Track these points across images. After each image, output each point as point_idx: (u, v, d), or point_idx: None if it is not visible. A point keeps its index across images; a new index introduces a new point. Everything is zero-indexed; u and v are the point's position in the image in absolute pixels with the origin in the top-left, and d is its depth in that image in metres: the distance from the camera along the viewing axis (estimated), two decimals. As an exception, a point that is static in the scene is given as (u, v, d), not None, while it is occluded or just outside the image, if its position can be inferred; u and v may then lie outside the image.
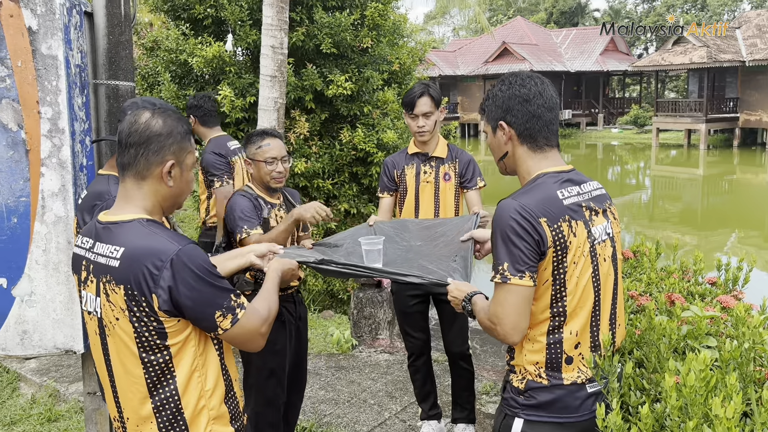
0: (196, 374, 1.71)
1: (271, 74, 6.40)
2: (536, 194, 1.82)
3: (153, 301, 1.60)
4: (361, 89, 7.66)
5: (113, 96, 2.83)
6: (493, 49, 39.00)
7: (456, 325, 3.67)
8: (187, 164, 1.81)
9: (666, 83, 47.38)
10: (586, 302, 1.85)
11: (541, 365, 1.86)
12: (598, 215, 1.89)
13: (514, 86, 1.92)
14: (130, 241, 1.65)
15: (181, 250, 1.62)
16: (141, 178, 1.73)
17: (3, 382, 4.81)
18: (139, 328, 1.64)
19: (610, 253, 1.92)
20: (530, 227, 1.75)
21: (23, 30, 2.46)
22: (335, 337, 5.15)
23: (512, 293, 1.75)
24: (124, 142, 1.73)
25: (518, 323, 1.77)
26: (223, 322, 1.67)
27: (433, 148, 3.64)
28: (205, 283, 1.64)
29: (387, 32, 8.09)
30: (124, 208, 1.74)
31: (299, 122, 7.43)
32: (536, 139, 1.90)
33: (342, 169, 7.79)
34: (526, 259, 1.75)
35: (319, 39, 7.36)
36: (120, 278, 1.63)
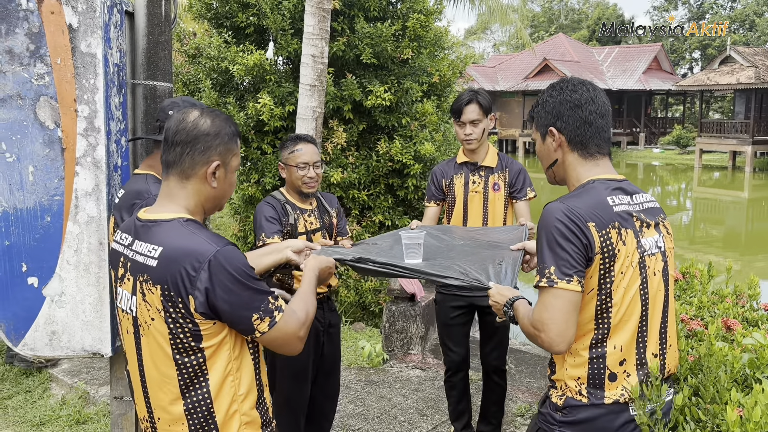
0: (230, 378, 1.67)
1: (311, 83, 6.39)
2: (585, 198, 1.76)
3: (189, 303, 1.57)
4: (400, 100, 7.59)
5: (150, 96, 2.80)
6: (534, 66, 38.73)
7: (496, 338, 3.58)
8: (232, 166, 1.78)
9: (711, 104, 46.39)
10: (632, 315, 1.76)
11: (582, 381, 1.78)
12: (649, 227, 1.82)
13: (565, 92, 1.86)
14: (168, 241, 1.62)
15: (219, 252, 1.59)
16: (185, 177, 1.71)
17: (35, 382, 4.82)
18: (174, 330, 1.61)
19: (661, 268, 1.83)
20: (578, 230, 1.69)
21: (64, 27, 2.44)
22: (366, 350, 5.04)
23: (559, 298, 1.67)
24: (170, 140, 1.71)
25: (565, 331, 1.68)
26: (260, 325, 1.64)
27: (483, 157, 3.56)
28: (243, 285, 1.60)
29: (428, 44, 8.02)
30: (165, 207, 1.71)
31: (337, 132, 7.40)
32: (587, 146, 1.84)
33: (378, 181, 7.73)
34: (573, 262, 1.68)
35: (359, 49, 7.33)
36: (157, 278, 1.60)
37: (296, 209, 3.00)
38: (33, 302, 2.56)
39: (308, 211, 3.05)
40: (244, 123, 7.42)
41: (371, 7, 7.55)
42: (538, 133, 1.95)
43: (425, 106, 7.71)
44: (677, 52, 53.39)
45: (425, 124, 7.85)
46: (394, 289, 5.13)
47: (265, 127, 7.29)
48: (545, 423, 1.86)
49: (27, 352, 2.60)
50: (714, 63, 33.63)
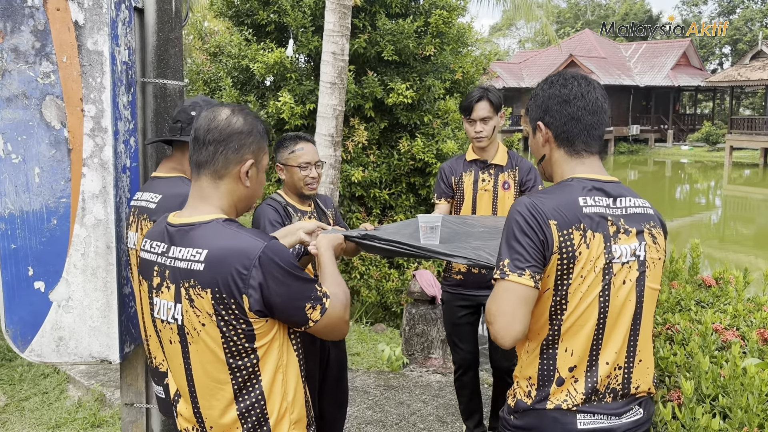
0: (280, 377, 1.66)
1: (331, 81, 6.30)
2: (555, 196, 1.71)
3: (244, 303, 1.55)
4: (422, 98, 7.48)
5: (161, 95, 2.72)
6: (560, 62, 38.25)
7: None
8: (263, 164, 1.76)
9: (741, 100, 45.43)
10: (587, 321, 1.68)
11: (533, 381, 1.73)
12: (629, 234, 1.71)
13: (555, 86, 1.81)
14: (213, 243, 1.58)
15: (267, 247, 1.57)
16: (218, 177, 1.67)
17: (53, 383, 4.79)
18: (227, 333, 1.58)
19: (635, 277, 1.72)
20: (537, 226, 1.64)
21: (69, 24, 2.37)
22: (385, 353, 4.93)
23: (508, 291, 1.62)
24: (202, 139, 1.67)
25: (510, 325, 1.61)
26: (313, 313, 1.63)
27: (493, 155, 3.50)
28: (294, 277, 1.59)
29: (451, 40, 7.88)
30: (199, 209, 1.67)
31: (358, 130, 7.31)
32: (574, 143, 1.78)
33: (399, 179, 7.63)
34: (528, 257, 1.63)
35: (381, 46, 7.23)
36: (206, 282, 1.56)
37: (297, 212, 2.91)
38: (39, 307, 2.50)
39: (308, 213, 2.96)
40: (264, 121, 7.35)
41: (393, 3, 7.44)
42: (529, 126, 1.90)
43: (448, 103, 7.59)
44: (707, 47, 52.38)
45: (448, 122, 7.72)
46: (414, 292, 5.01)
47: (285, 125, 7.22)
48: (502, 427, 1.83)
49: (34, 359, 2.53)
50: (745, 58, 32.93)
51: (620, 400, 1.72)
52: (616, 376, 1.71)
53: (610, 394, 1.70)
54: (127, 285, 2.60)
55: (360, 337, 5.77)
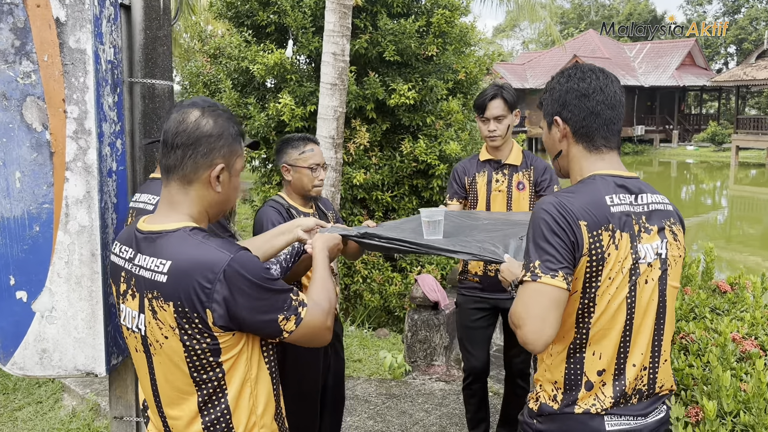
0: (248, 390, 1.60)
1: (332, 82, 6.19)
2: (581, 195, 1.66)
3: (207, 317, 1.48)
4: (425, 99, 7.38)
5: (149, 96, 2.60)
6: (563, 63, 37.97)
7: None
8: (236, 169, 1.68)
9: (746, 99, 45.17)
10: (615, 324, 1.65)
11: (559, 386, 1.70)
12: (650, 232, 1.69)
13: (573, 79, 1.76)
14: (177, 254, 1.52)
15: (233, 259, 1.49)
16: (187, 183, 1.61)
17: (47, 392, 4.69)
18: (190, 347, 1.51)
19: (658, 277, 1.69)
20: (567, 227, 1.59)
21: (51, 21, 2.26)
22: (387, 361, 4.81)
23: (541, 294, 1.56)
24: (170, 143, 1.60)
25: (542, 329, 1.56)
26: (287, 324, 1.56)
27: (507, 154, 3.42)
28: (263, 289, 1.52)
29: (453, 40, 7.77)
30: (168, 216, 1.60)
31: (359, 132, 7.20)
32: (593, 138, 1.73)
33: (402, 182, 7.53)
34: (560, 257, 1.58)
35: (382, 46, 7.13)
36: (169, 295, 1.50)
37: (300, 214, 2.84)
38: (22, 318, 2.38)
39: (310, 215, 2.89)
40: (264, 123, 7.26)
41: (394, 2, 7.33)
42: (545, 121, 1.85)
43: (450, 104, 7.48)
44: (712, 47, 52.11)
45: (451, 123, 7.61)
46: (417, 297, 4.89)
47: (286, 127, 7.12)
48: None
49: (16, 372, 2.42)
50: (751, 57, 32.72)
51: (645, 401, 1.70)
52: (642, 377, 1.69)
53: (636, 396, 1.68)
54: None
55: (362, 342, 5.64)
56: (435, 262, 7.43)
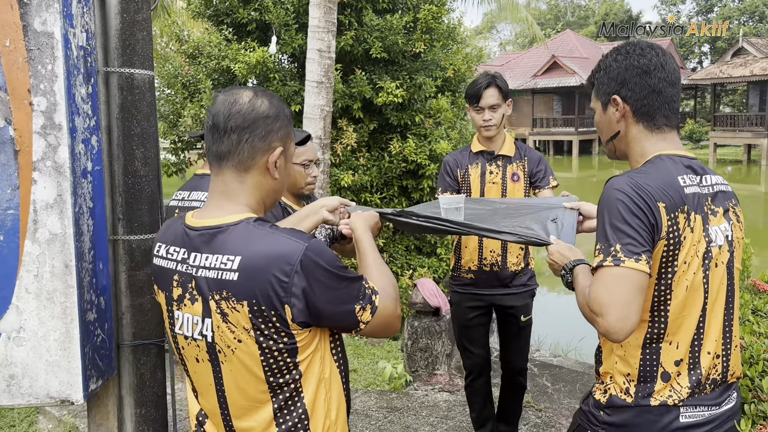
0: (323, 393, 1.52)
1: (318, 80, 5.97)
2: (654, 175, 1.60)
3: (286, 314, 1.39)
4: (413, 97, 7.16)
5: (127, 87, 2.32)
6: (542, 63, 38.18)
7: (521, 340, 3.41)
8: (290, 153, 1.60)
9: (721, 97, 45.62)
10: (692, 311, 1.62)
11: (632, 378, 1.65)
12: (717, 215, 1.67)
13: (632, 56, 1.71)
14: (246, 248, 1.41)
15: (308, 248, 1.40)
16: (244, 170, 1.50)
17: (21, 415, 4.36)
18: (267, 348, 1.42)
19: (726, 260, 1.67)
20: (646, 208, 1.54)
21: (12, 1, 1.97)
22: (386, 371, 4.54)
23: (625, 279, 1.50)
24: (222, 126, 1.49)
25: (627, 317, 1.49)
26: (363, 315, 1.47)
27: (500, 145, 3.37)
28: (339, 278, 1.43)
29: (441, 36, 7.57)
30: (223, 207, 1.50)
31: (346, 132, 6.97)
32: (654, 117, 1.70)
33: (391, 183, 7.30)
34: (642, 240, 1.52)
35: (368, 43, 6.90)
36: (242, 293, 1.39)
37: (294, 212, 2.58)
38: (-14, 340, 2.09)
39: None
40: (247, 125, 6.97)
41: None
42: (598, 102, 1.79)
43: (440, 102, 7.28)
44: (686, 46, 52.65)
45: (440, 122, 7.40)
46: (416, 303, 4.63)
47: (269, 128, 6.85)
48: (587, 422, 1.74)
49: (-20, 402, 2.12)
50: (726, 55, 33.01)
51: (718, 389, 1.67)
52: (716, 365, 1.66)
53: (710, 385, 1.65)
54: (92, 310, 2.20)
55: (356, 351, 5.38)
56: (427, 265, 7.19)
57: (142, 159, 2.38)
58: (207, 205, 1.53)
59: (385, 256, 7.01)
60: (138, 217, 2.38)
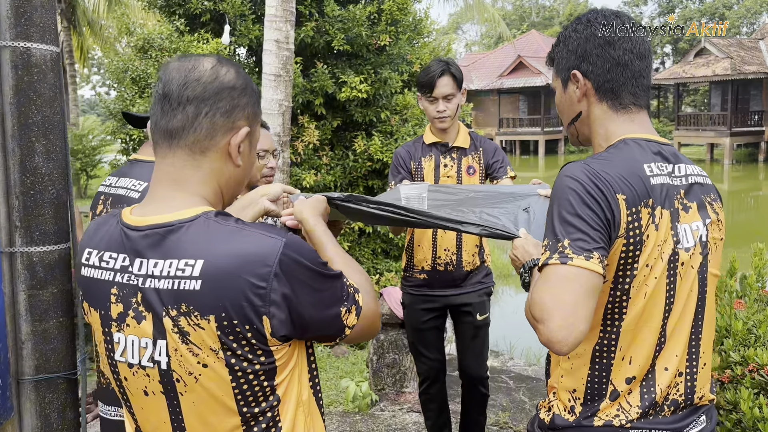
0: (301, 418, 1.27)
1: (275, 72, 5.57)
2: (616, 162, 1.41)
3: (264, 327, 1.14)
4: (378, 92, 6.83)
5: (23, 65, 1.90)
6: (508, 63, 38.24)
7: (478, 343, 3.22)
8: (256, 138, 1.35)
9: (683, 97, 46.30)
10: (649, 321, 1.41)
11: (578, 395, 1.47)
12: (689, 210, 1.46)
13: (593, 25, 1.53)
14: (209, 248, 1.15)
15: (287, 244, 1.16)
16: (200, 152, 1.23)
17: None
18: (240, 371, 1.17)
19: (698, 264, 1.46)
20: (603, 200, 1.34)
21: None
22: (350, 390, 4.14)
23: (572, 280, 1.29)
24: (176, 96, 1.22)
25: (574, 324, 1.27)
26: (349, 318, 1.26)
27: (454, 137, 3.18)
28: (324, 277, 1.21)
29: (407, 28, 7.23)
30: (175, 199, 1.22)
31: (308, 130, 6.61)
32: (620, 94, 1.51)
33: (356, 183, 6.97)
34: (595, 236, 1.32)
35: (330, 35, 6.54)
36: (207, 305, 1.13)
37: None
38: None
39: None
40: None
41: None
42: (558, 79, 1.61)
43: (406, 97, 6.98)
44: (649, 46, 53.34)
45: (407, 118, 7.09)
46: (383, 314, 4.25)
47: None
48: None
49: None
50: (689, 56, 33.40)
51: (680, 413, 1.47)
52: (677, 384, 1.45)
53: (670, 407, 1.45)
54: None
55: (318, 364, 4.96)
56: (394, 268, 6.84)
57: (44, 153, 1.95)
58: (151, 198, 1.24)
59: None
60: (40, 225, 1.95)
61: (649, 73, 1.53)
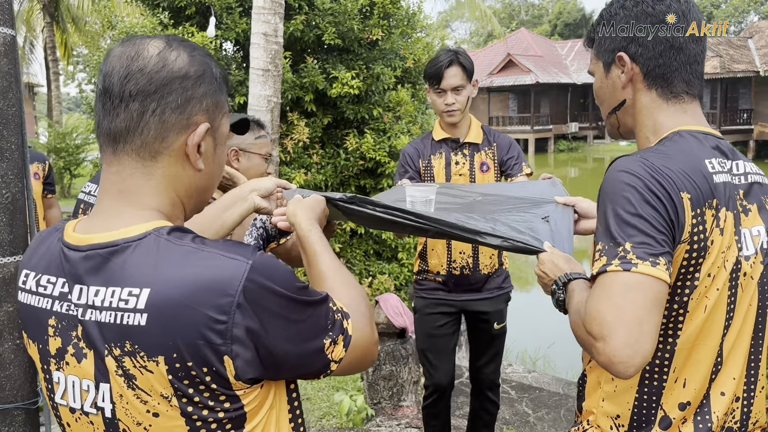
0: None
1: (263, 67, 5.35)
2: (676, 156, 1.26)
3: (226, 369, 0.93)
4: (370, 88, 6.62)
5: (-29, 49, 1.64)
6: (497, 62, 38.17)
7: (493, 350, 3.07)
8: (221, 133, 1.13)
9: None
10: (708, 340, 1.28)
11: (622, 422, 1.33)
12: (749, 213, 1.32)
13: (645, 2, 1.37)
14: (157, 274, 0.95)
15: (253, 267, 0.95)
16: (150, 157, 1.04)
17: None
18: (200, 421, 0.96)
19: (759, 274, 1.32)
20: (667, 198, 1.19)
21: None
22: (344, 404, 3.90)
23: (638, 290, 1.14)
24: (117, 92, 1.02)
25: (639, 341, 1.12)
26: (335, 350, 1.05)
27: (465, 131, 2.99)
28: (302, 304, 0.99)
29: (399, 23, 7.02)
30: (121, 215, 1.02)
31: (298, 127, 6.38)
32: (672, 81, 1.36)
33: (348, 182, 6.75)
34: (661, 239, 1.16)
35: (320, 28, 6.32)
36: (155, 344, 0.93)
37: None
38: None
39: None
40: (185, 119, 6.32)
41: (333, -23, 6.52)
42: (599, 62, 1.46)
43: (399, 94, 6.76)
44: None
45: (400, 116, 6.87)
46: (379, 323, 4.02)
47: (211, 122, 6.20)
48: None
49: None
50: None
51: None
52: (734, 411, 1.33)
53: None
54: None
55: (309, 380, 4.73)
56: (387, 271, 6.62)
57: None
58: (96, 211, 1.06)
59: (342, 261, 6.39)
60: (-8, 234, 1.70)
61: (703, 59, 1.39)
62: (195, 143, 1.05)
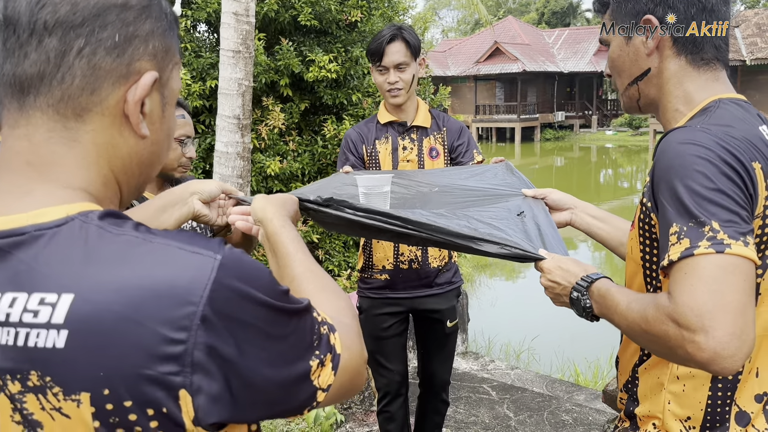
0: None
1: (234, 48, 5.06)
2: (735, 125, 1.12)
3: (182, 411, 0.65)
4: (349, 73, 6.36)
5: None
6: (484, 50, 38.04)
7: (446, 349, 2.92)
8: (172, 89, 0.83)
9: (659, 85, 46.76)
10: None
11: (693, 424, 1.21)
12: None
13: None
14: (83, 275, 0.66)
15: (223, 265, 0.68)
16: (75, 115, 0.73)
17: None
18: None
19: None
20: (743, 170, 1.07)
21: None
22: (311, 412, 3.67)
23: (734, 273, 1.01)
24: (24, 23, 0.71)
25: (744, 329, 0.99)
26: (322, 375, 0.78)
27: (413, 114, 2.80)
28: (283, 314, 0.73)
29: (380, 4, 6.77)
30: (30, 193, 0.72)
31: (273, 113, 6.12)
32: (703, 47, 1.24)
33: (325, 170, 6.49)
34: (744, 216, 1.05)
35: (296, 9, 6.06)
36: (77, 375, 0.65)
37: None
38: None
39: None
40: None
41: (309, -45, 6.24)
42: (617, 28, 1.33)
43: (379, 79, 6.49)
44: (625, 34, 53.85)
45: (380, 101, 6.61)
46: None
47: (181, 107, 5.91)
48: None
49: None
50: (665, 42, 33.57)
51: None
52: None
53: None
54: None
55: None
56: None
57: None
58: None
59: (320, 253, 6.17)
60: None
61: (731, 23, 1.30)
62: (138, 99, 0.77)
